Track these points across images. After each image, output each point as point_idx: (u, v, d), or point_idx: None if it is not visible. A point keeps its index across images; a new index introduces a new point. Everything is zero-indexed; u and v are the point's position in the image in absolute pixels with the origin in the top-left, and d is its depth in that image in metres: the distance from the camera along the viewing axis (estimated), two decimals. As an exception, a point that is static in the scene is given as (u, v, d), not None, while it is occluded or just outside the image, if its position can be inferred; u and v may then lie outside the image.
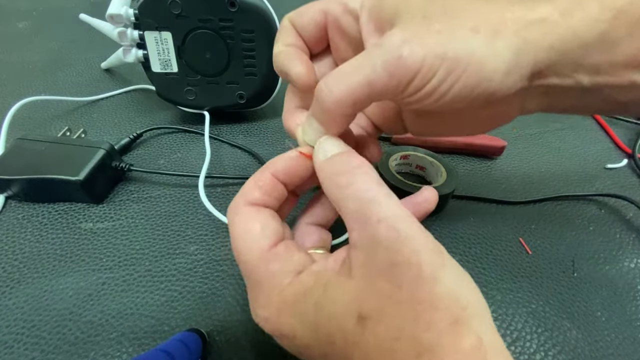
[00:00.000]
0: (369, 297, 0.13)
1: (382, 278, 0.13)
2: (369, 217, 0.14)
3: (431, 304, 0.12)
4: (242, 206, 0.17)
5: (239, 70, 0.33)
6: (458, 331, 0.12)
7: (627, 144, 0.38)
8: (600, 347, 0.22)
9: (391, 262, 0.13)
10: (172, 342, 0.19)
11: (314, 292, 0.14)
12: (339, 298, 0.14)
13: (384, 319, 0.13)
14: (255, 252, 0.15)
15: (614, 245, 0.28)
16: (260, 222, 0.16)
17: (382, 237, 0.13)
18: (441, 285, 0.13)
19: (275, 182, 0.17)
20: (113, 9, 0.31)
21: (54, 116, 0.36)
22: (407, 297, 0.13)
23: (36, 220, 0.27)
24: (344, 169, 0.15)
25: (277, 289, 0.15)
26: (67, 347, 0.21)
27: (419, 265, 0.13)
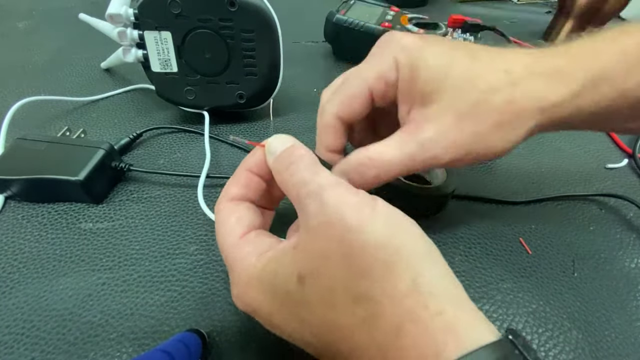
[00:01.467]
0: (305, 258, 0.14)
1: (315, 239, 0.14)
2: (301, 196, 0.15)
3: (360, 251, 0.13)
4: (223, 203, 0.19)
5: (239, 70, 0.33)
6: (391, 275, 0.13)
7: (627, 143, 0.38)
8: (600, 347, 0.22)
9: (319, 223, 0.14)
10: (172, 343, 0.19)
11: (270, 265, 0.16)
12: (285, 264, 0.15)
13: (319, 274, 0.14)
14: (230, 240, 0.17)
15: (615, 245, 0.28)
16: (236, 214, 0.18)
17: (309, 207, 0.15)
18: (368, 232, 0.14)
19: (251, 175, 0.19)
20: (113, 8, 0.31)
21: (54, 116, 0.36)
22: (337, 250, 0.14)
23: (36, 220, 0.27)
24: (288, 162, 0.17)
25: (246, 268, 0.16)
26: (67, 347, 0.21)
27: (342, 220, 0.14)
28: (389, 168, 0.19)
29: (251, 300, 0.16)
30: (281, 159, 0.18)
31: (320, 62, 0.48)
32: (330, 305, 0.14)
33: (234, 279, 0.17)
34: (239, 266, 0.17)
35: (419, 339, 0.12)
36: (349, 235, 0.14)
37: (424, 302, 0.13)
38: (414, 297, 0.13)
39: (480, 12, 0.68)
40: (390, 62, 0.19)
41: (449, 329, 0.12)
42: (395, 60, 0.19)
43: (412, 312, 0.13)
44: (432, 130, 0.18)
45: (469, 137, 0.18)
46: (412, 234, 0.15)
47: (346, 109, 0.20)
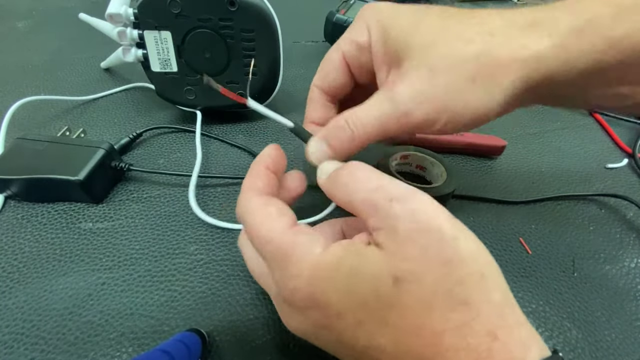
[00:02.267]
0: (401, 262, 0.14)
1: (408, 244, 0.14)
2: (378, 200, 0.15)
3: (458, 261, 0.14)
4: (252, 196, 0.17)
5: (239, 70, 0.33)
6: (486, 285, 0.14)
7: (627, 143, 0.38)
8: (600, 347, 0.22)
9: (413, 229, 0.14)
10: (172, 342, 0.19)
11: (346, 260, 0.15)
12: (372, 264, 0.14)
13: (418, 279, 0.14)
14: (278, 229, 0.16)
15: (615, 245, 0.28)
16: (275, 205, 0.17)
17: (398, 212, 0.14)
18: (464, 243, 0.14)
19: (269, 172, 0.19)
20: (112, 8, 0.30)
21: (54, 116, 0.36)
22: (435, 257, 0.14)
23: (36, 220, 0.27)
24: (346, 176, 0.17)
25: (309, 256, 0.15)
26: (67, 347, 0.21)
27: (439, 228, 0.14)
28: (364, 130, 0.18)
29: (318, 294, 0.15)
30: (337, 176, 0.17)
31: (320, 62, 0.48)
32: (427, 310, 0.13)
33: (291, 270, 0.15)
34: (299, 254, 0.15)
35: (510, 343, 0.13)
36: (447, 245, 0.14)
37: (511, 311, 0.14)
38: (506, 307, 0.14)
39: (480, 12, 0.67)
40: (362, 26, 0.19)
41: (531, 336, 0.14)
42: (366, 23, 0.19)
43: (503, 320, 0.13)
44: (403, 86, 0.18)
45: (442, 90, 0.17)
46: (490, 254, 0.15)
47: (324, 78, 0.21)
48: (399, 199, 0.15)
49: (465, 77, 0.17)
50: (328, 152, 0.19)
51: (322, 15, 0.46)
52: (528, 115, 0.42)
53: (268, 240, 0.16)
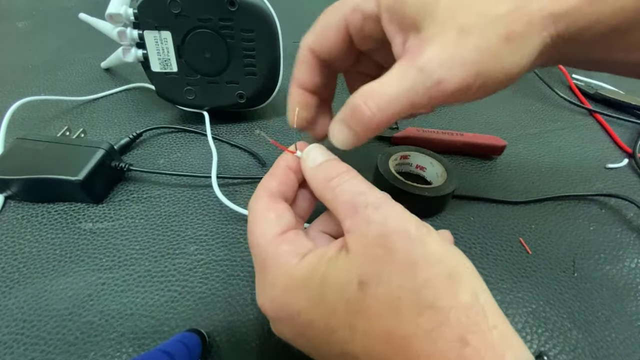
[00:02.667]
0: (366, 264, 0.14)
1: (375, 247, 0.14)
2: (358, 204, 0.15)
3: (425, 262, 0.13)
4: (262, 195, 0.18)
5: (239, 69, 0.33)
6: (454, 285, 0.13)
7: (627, 143, 0.38)
8: (601, 347, 0.22)
9: (381, 233, 0.14)
10: (172, 343, 0.19)
11: (318, 267, 0.15)
12: (339, 269, 0.14)
13: (383, 281, 0.14)
14: (267, 236, 0.16)
15: (615, 245, 0.28)
16: (276, 211, 0.17)
17: (371, 217, 0.15)
18: (430, 246, 0.14)
19: (288, 171, 0.19)
20: (112, 8, 0.30)
21: (54, 116, 0.36)
22: (401, 258, 0.14)
23: (36, 220, 0.27)
24: (334, 174, 0.17)
25: (284, 268, 0.15)
26: (67, 347, 0.21)
27: (407, 231, 0.14)
28: (387, 107, 0.16)
29: (291, 304, 0.15)
30: (325, 169, 0.17)
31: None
32: (394, 314, 0.13)
33: (269, 279, 0.16)
34: (276, 265, 0.16)
35: (481, 349, 0.12)
36: (413, 247, 0.14)
37: (483, 314, 0.13)
38: (475, 309, 0.13)
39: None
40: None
41: (505, 341, 0.13)
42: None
43: (474, 323, 0.13)
44: (431, 50, 0.15)
45: (475, 53, 0.15)
46: (462, 255, 0.15)
47: (319, 40, 0.20)
48: (374, 204, 0.15)
49: (498, 36, 0.15)
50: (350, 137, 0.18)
51: (322, 15, 0.46)
52: (528, 115, 0.42)
53: (256, 244, 0.17)
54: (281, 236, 0.16)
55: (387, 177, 0.28)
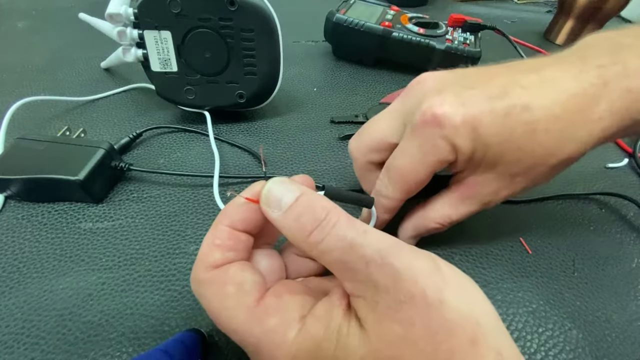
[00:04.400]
0: (386, 345, 0.12)
1: (392, 321, 0.12)
2: (355, 263, 0.13)
3: (446, 330, 0.12)
4: (204, 274, 0.14)
5: (239, 69, 0.33)
6: (478, 351, 0.12)
7: (627, 143, 0.38)
8: (601, 347, 0.22)
9: (396, 301, 0.12)
10: (171, 342, 0.19)
11: (327, 344, 0.13)
12: (354, 351, 0.13)
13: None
14: (241, 316, 0.13)
15: (615, 245, 0.28)
16: (233, 281, 0.14)
17: (377, 279, 0.13)
18: (449, 306, 0.12)
19: (235, 233, 0.15)
20: (112, 8, 0.30)
21: (54, 116, 0.36)
22: (422, 333, 0.12)
23: (36, 220, 0.27)
24: (311, 225, 0.14)
25: (284, 346, 0.13)
26: (67, 347, 0.21)
27: (423, 294, 0.12)
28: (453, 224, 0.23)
29: None
30: (296, 215, 0.14)
31: (320, 61, 0.48)
32: None
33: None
34: (271, 347, 0.13)
35: None
36: (433, 313, 0.12)
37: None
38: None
39: (481, 11, 0.68)
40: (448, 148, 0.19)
41: None
42: (453, 145, 0.19)
43: None
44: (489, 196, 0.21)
45: (521, 189, 0.21)
46: (483, 300, 0.13)
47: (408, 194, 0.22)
48: (375, 260, 0.13)
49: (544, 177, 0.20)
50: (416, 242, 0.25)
51: (322, 15, 0.46)
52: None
53: (232, 330, 0.14)
54: (259, 308, 0.14)
55: None
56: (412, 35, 0.44)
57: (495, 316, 0.13)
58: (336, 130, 0.37)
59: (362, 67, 0.47)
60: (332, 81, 0.44)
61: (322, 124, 0.38)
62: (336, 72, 0.46)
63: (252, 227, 0.16)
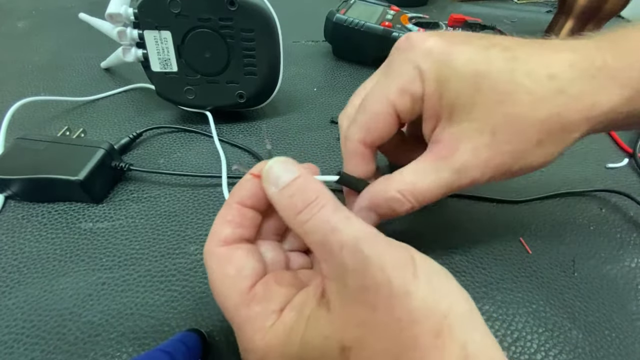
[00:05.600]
0: (348, 327, 0.13)
1: (356, 304, 0.13)
2: (332, 245, 0.13)
3: (409, 319, 0.12)
4: (215, 248, 0.16)
5: (239, 69, 0.33)
6: (442, 343, 0.12)
7: (627, 143, 0.38)
8: (601, 347, 0.22)
9: (361, 286, 0.13)
10: (172, 342, 0.19)
11: (297, 329, 0.14)
12: (320, 332, 0.13)
13: (366, 345, 0.13)
14: (234, 298, 0.15)
15: (615, 245, 0.28)
16: (235, 264, 0.15)
17: (348, 263, 0.13)
18: (415, 298, 0.12)
19: (244, 210, 0.16)
20: (112, 8, 0.30)
21: (54, 116, 0.36)
22: (384, 319, 0.12)
23: (36, 220, 0.27)
24: (301, 204, 0.14)
25: (260, 332, 0.14)
26: (67, 347, 0.21)
27: (388, 282, 0.13)
28: (423, 199, 0.18)
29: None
30: (290, 193, 0.15)
31: (320, 62, 0.48)
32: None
33: (247, 344, 0.15)
34: (252, 330, 0.14)
35: None
36: (397, 302, 0.12)
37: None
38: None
39: (481, 11, 0.68)
40: (413, 73, 0.17)
41: None
42: (419, 69, 0.17)
43: None
44: (466, 154, 0.17)
45: (507, 157, 0.17)
46: (455, 293, 0.13)
47: (371, 133, 0.18)
48: (349, 246, 0.13)
49: (532, 141, 0.17)
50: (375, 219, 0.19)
51: (322, 15, 0.46)
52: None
53: (224, 307, 0.15)
54: (249, 294, 0.15)
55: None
56: (412, 35, 0.44)
57: (468, 310, 0.13)
58: (336, 131, 0.37)
59: (362, 67, 0.47)
60: (332, 81, 0.44)
61: (322, 124, 0.38)
62: (336, 72, 0.46)
63: (259, 203, 0.17)
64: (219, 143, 0.32)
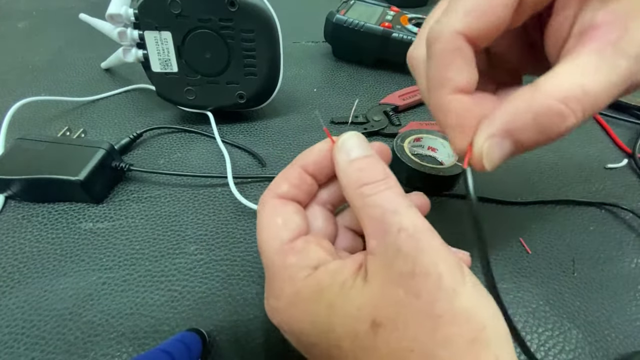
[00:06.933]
0: (385, 304, 0.13)
1: (399, 286, 0.12)
2: (390, 225, 0.13)
3: (450, 318, 0.12)
4: (269, 198, 0.17)
5: (239, 70, 0.33)
6: (476, 351, 0.12)
7: (627, 143, 0.38)
8: (600, 347, 0.22)
9: (410, 271, 0.12)
10: (172, 342, 0.19)
11: (329, 291, 0.14)
12: (353, 300, 0.13)
13: (399, 328, 0.12)
14: (274, 244, 0.15)
15: (614, 245, 0.28)
16: (283, 215, 0.16)
17: (402, 246, 0.13)
18: (461, 300, 0.12)
19: (304, 175, 0.17)
20: (113, 8, 0.31)
21: (54, 116, 0.36)
22: (424, 308, 0.12)
23: (36, 220, 0.27)
24: (368, 179, 0.14)
25: (291, 281, 0.14)
26: (67, 347, 0.21)
27: (439, 276, 0.12)
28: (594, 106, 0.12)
29: (295, 320, 0.14)
30: (360, 167, 0.15)
31: (320, 62, 0.48)
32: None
33: (275, 290, 0.15)
34: (283, 277, 0.15)
35: None
36: (442, 297, 0.12)
37: None
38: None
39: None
40: None
41: None
42: None
43: None
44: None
45: None
46: (494, 310, 0.13)
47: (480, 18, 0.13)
48: (407, 231, 0.13)
49: None
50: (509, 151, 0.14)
51: (322, 16, 0.46)
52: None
53: (262, 251, 0.16)
54: (289, 245, 0.15)
55: (403, 158, 0.30)
56: (412, 36, 0.44)
57: (505, 333, 0.13)
58: (336, 131, 0.37)
59: (362, 67, 0.47)
60: (332, 82, 0.44)
61: (322, 125, 0.38)
62: (336, 72, 0.46)
63: (320, 173, 0.17)
64: (218, 142, 0.32)
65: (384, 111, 0.39)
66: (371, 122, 0.38)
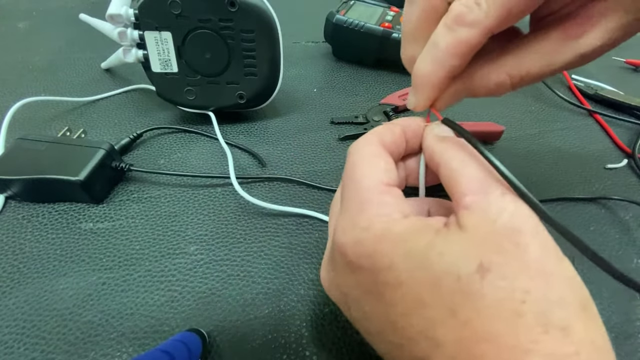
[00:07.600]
0: (491, 250, 0.12)
1: (504, 238, 0.12)
2: (492, 186, 0.13)
3: (563, 279, 0.11)
4: (374, 141, 0.16)
5: (239, 70, 0.33)
6: (589, 321, 0.11)
7: (627, 144, 0.38)
8: (600, 347, 0.22)
9: (515, 226, 0.12)
10: (172, 342, 0.19)
11: (424, 233, 0.13)
12: (453, 242, 0.12)
13: (508, 276, 0.11)
14: (373, 180, 0.15)
15: (614, 245, 0.28)
16: (385, 160, 0.16)
17: (507, 206, 0.12)
18: (569, 269, 0.12)
19: (402, 136, 0.17)
20: (113, 9, 0.31)
21: (54, 116, 0.36)
22: (534, 263, 0.11)
23: (36, 220, 0.27)
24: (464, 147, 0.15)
25: (384, 218, 0.14)
26: (67, 347, 0.21)
27: (546, 238, 0.12)
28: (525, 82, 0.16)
29: (382, 254, 0.13)
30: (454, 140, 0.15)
31: (320, 62, 0.48)
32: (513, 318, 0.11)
33: (362, 221, 0.14)
34: (375, 212, 0.14)
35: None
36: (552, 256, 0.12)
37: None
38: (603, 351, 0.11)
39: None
40: None
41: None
42: None
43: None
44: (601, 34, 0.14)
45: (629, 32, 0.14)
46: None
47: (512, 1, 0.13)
48: (512, 197, 0.13)
49: None
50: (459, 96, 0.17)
51: (322, 16, 0.46)
52: (528, 116, 0.42)
53: (356, 181, 0.15)
54: (387, 187, 0.15)
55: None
56: (412, 36, 0.44)
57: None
58: (336, 131, 0.37)
59: (362, 67, 0.47)
60: (332, 82, 0.44)
61: (322, 125, 0.38)
62: (336, 72, 0.46)
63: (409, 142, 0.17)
64: (216, 142, 0.32)
65: (384, 111, 0.39)
66: (371, 122, 0.38)
